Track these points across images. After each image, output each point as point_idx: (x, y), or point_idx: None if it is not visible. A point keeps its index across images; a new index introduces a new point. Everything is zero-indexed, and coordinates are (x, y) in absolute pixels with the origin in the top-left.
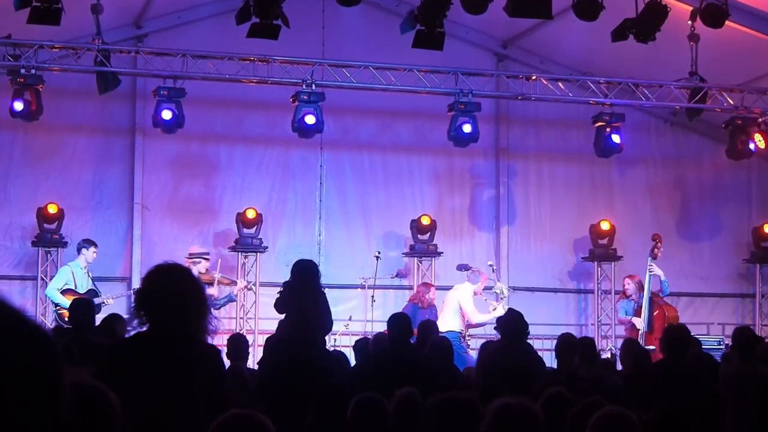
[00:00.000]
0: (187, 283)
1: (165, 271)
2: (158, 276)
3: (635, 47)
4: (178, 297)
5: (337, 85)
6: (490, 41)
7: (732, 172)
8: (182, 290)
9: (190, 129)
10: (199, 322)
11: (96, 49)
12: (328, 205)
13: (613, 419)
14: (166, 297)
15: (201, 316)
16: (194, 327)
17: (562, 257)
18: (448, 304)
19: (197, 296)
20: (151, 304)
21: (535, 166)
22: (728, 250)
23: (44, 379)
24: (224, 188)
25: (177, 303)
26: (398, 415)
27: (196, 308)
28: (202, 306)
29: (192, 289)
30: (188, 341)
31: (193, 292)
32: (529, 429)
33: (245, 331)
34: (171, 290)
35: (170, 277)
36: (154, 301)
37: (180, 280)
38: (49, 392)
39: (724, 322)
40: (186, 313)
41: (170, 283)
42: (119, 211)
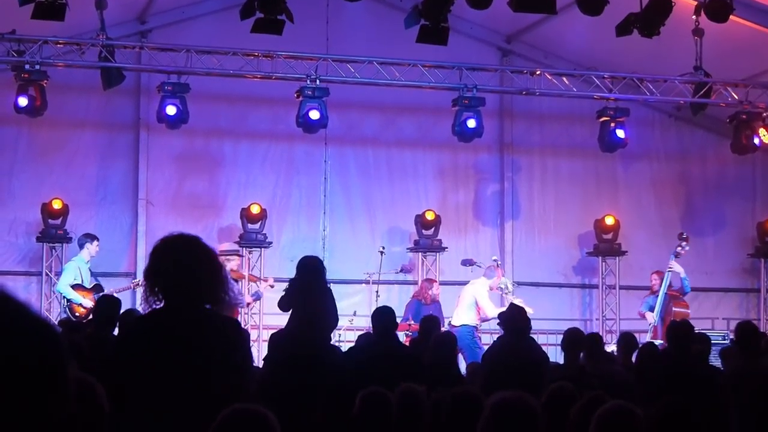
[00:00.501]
0: (199, 251)
1: (172, 242)
2: (166, 248)
3: (640, 42)
4: (190, 268)
5: (342, 80)
6: (494, 36)
7: (736, 166)
8: (194, 260)
9: (195, 124)
10: (215, 294)
11: (100, 45)
12: (333, 201)
13: (618, 414)
14: (178, 269)
15: (217, 287)
16: (211, 299)
17: (566, 252)
18: (463, 298)
19: (211, 265)
20: (163, 279)
21: (539, 161)
22: (733, 244)
23: (49, 373)
24: (228, 184)
25: (190, 275)
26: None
27: (210, 278)
28: (217, 275)
29: (205, 259)
30: (206, 316)
31: (206, 261)
32: (527, 423)
33: (249, 326)
34: (183, 262)
35: (179, 247)
36: (166, 275)
37: (190, 249)
38: (53, 386)
39: (729, 317)
40: (200, 284)
41: (180, 254)
42: (123, 206)
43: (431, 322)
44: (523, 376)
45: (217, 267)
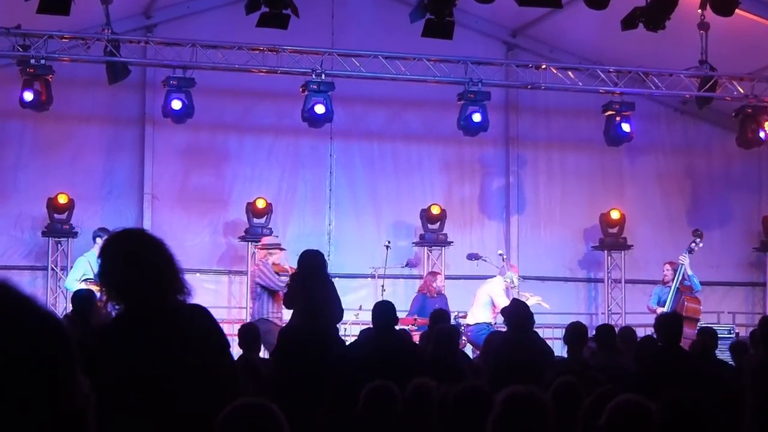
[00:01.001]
0: (150, 245)
1: (121, 239)
2: (116, 247)
3: (645, 36)
4: (146, 263)
5: (347, 74)
6: (499, 30)
7: (742, 160)
8: (148, 254)
9: (200, 119)
10: (177, 283)
11: (105, 40)
12: (338, 195)
13: (630, 407)
14: (135, 267)
15: (175, 277)
16: (172, 290)
17: (572, 246)
18: (479, 297)
19: (164, 257)
20: (120, 279)
21: (545, 155)
22: (738, 238)
23: (57, 367)
24: (234, 178)
25: (148, 270)
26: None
27: (166, 270)
28: (172, 266)
29: (157, 251)
30: (173, 308)
31: (159, 253)
32: (538, 417)
33: None
34: (136, 258)
35: (129, 243)
36: (124, 274)
37: (141, 243)
38: (61, 380)
39: (735, 311)
40: (160, 277)
41: (132, 251)
42: (129, 201)
43: (439, 316)
44: (528, 370)
45: (169, 258)
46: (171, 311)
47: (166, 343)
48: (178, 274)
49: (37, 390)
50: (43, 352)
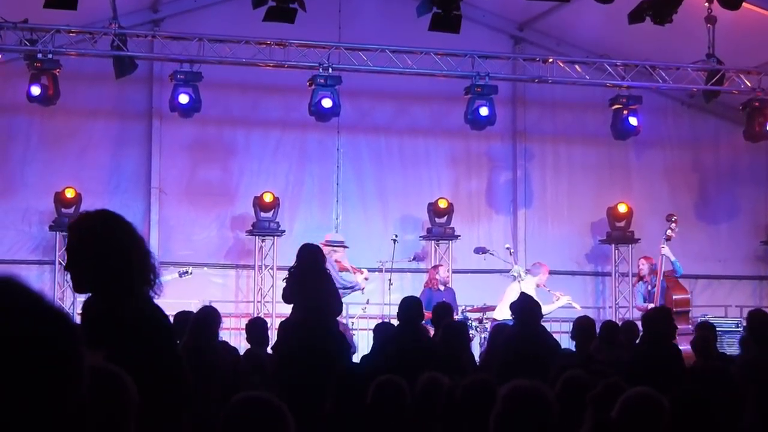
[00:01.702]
0: (123, 230)
1: (84, 220)
2: (79, 228)
3: (652, 29)
4: (115, 250)
5: (354, 68)
6: (506, 24)
7: (749, 154)
8: (117, 241)
9: (207, 113)
10: (145, 279)
11: (113, 34)
12: (345, 189)
13: (643, 400)
14: (91, 252)
15: (147, 272)
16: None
17: (579, 240)
18: (508, 296)
19: (130, 245)
20: (77, 262)
21: (552, 148)
22: (746, 232)
23: (63, 360)
24: (241, 172)
25: (116, 258)
26: (420, 399)
27: (128, 259)
28: (141, 257)
29: (121, 237)
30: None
31: (123, 239)
32: (540, 411)
33: (263, 314)
34: (93, 241)
35: (90, 226)
36: (81, 258)
37: (111, 228)
38: (67, 373)
39: (742, 305)
40: (128, 268)
41: (90, 234)
42: (136, 195)
43: (443, 309)
44: (535, 364)
45: (139, 247)
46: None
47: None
48: (150, 266)
49: (44, 385)
50: (50, 347)
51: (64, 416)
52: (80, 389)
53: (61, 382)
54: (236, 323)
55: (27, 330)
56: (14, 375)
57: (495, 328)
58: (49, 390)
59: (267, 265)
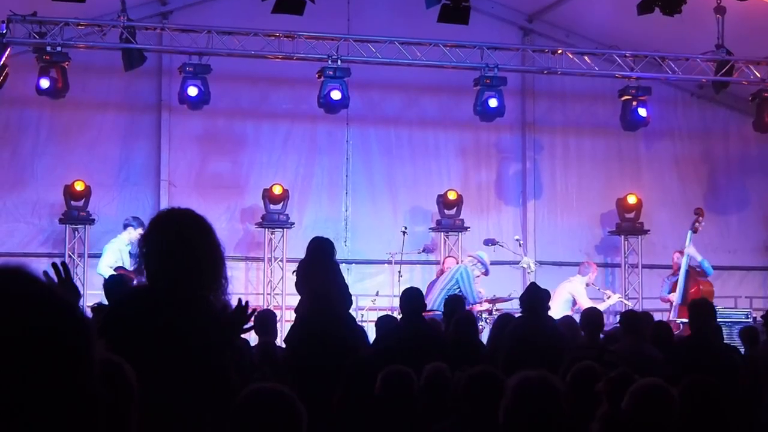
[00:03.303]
0: (198, 230)
1: (171, 216)
2: (162, 221)
3: (661, 20)
4: (183, 246)
5: (363, 60)
6: (515, 15)
7: (759, 144)
8: (189, 238)
9: (217, 105)
10: (207, 279)
11: (121, 26)
12: (355, 181)
13: (652, 390)
14: (170, 245)
15: (212, 273)
16: (201, 284)
17: (589, 231)
18: (559, 294)
19: (210, 248)
20: (152, 252)
21: (561, 139)
22: (756, 223)
23: (72, 351)
24: (251, 164)
25: (182, 253)
26: (426, 389)
27: (205, 262)
28: (214, 261)
29: (203, 240)
30: (192, 300)
31: (205, 243)
32: (550, 401)
33: (273, 306)
34: (176, 237)
35: (177, 223)
36: (157, 248)
37: (188, 226)
38: (77, 364)
39: (752, 296)
40: (190, 265)
41: (176, 230)
42: (146, 187)
43: (455, 301)
44: (544, 354)
45: (216, 252)
46: (183, 306)
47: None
48: (219, 273)
49: (53, 376)
50: (60, 339)
51: (75, 408)
52: (90, 381)
53: (71, 373)
54: None
55: (36, 321)
56: (23, 365)
57: (499, 319)
58: (58, 381)
59: (276, 258)
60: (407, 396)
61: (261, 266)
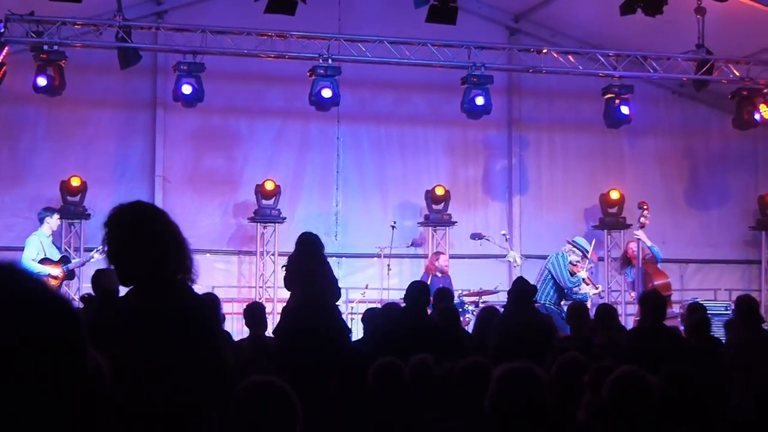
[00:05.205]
0: (156, 217)
1: (127, 210)
2: (120, 215)
3: (643, 20)
4: (150, 234)
5: (353, 59)
6: (502, 15)
7: (739, 141)
8: (152, 225)
9: (211, 103)
10: (179, 262)
11: (117, 26)
12: (345, 177)
13: (629, 379)
14: (137, 237)
15: (181, 255)
16: (176, 268)
17: (573, 226)
18: None
19: (172, 232)
20: (121, 246)
21: (546, 137)
22: (735, 217)
23: (65, 348)
24: (244, 161)
25: (150, 241)
26: (413, 380)
27: (174, 246)
28: (180, 243)
29: (165, 226)
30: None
31: (167, 228)
32: (534, 391)
33: (264, 299)
34: (141, 228)
35: (134, 214)
36: (125, 242)
37: (145, 215)
38: (69, 361)
39: (731, 288)
40: (162, 251)
41: (138, 221)
42: (141, 183)
43: (441, 294)
44: (531, 346)
45: (178, 235)
46: (178, 296)
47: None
48: (186, 252)
49: (45, 371)
50: (52, 333)
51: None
52: (82, 375)
53: (66, 368)
54: (239, 308)
55: (30, 316)
56: (19, 362)
57: (484, 311)
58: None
59: (269, 252)
60: (397, 387)
61: (253, 260)
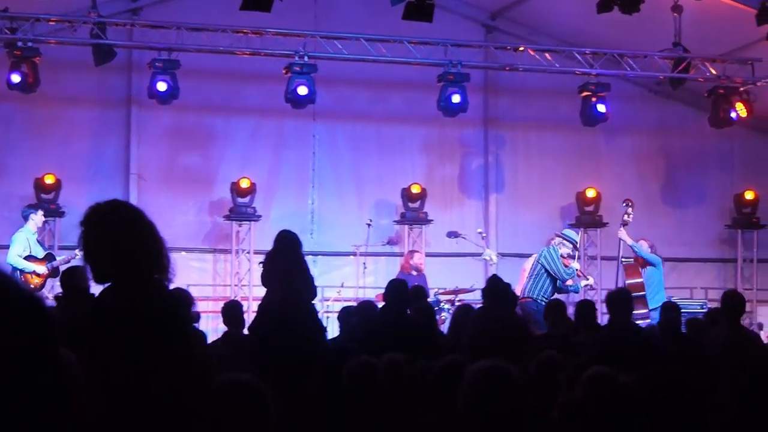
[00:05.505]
0: (132, 216)
1: (104, 208)
2: (97, 214)
3: (620, 18)
4: (127, 233)
5: (329, 56)
6: (478, 13)
7: (715, 140)
8: (128, 225)
9: (186, 100)
10: (156, 261)
11: (92, 23)
12: (321, 175)
13: (602, 379)
14: (112, 235)
15: (158, 254)
16: (154, 267)
17: (549, 224)
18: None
19: (149, 230)
20: (97, 245)
21: (523, 135)
22: (711, 216)
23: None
24: (220, 158)
25: (127, 240)
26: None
27: (151, 245)
28: (156, 242)
29: (141, 225)
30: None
31: (144, 227)
32: (505, 391)
33: (239, 298)
34: (118, 227)
35: (111, 212)
36: (101, 241)
37: (122, 214)
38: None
39: (707, 286)
40: (139, 250)
41: (114, 220)
42: (116, 181)
43: (416, 292)
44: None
45: (154, 232)
46: (156, 295)
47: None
48: (163, 251)
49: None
50: (24, 331)
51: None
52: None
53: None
54: (214, 306)
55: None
56: None
57: (459, 309)
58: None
59: (244, 250)
60: (372, 386)
61: (229, 258)
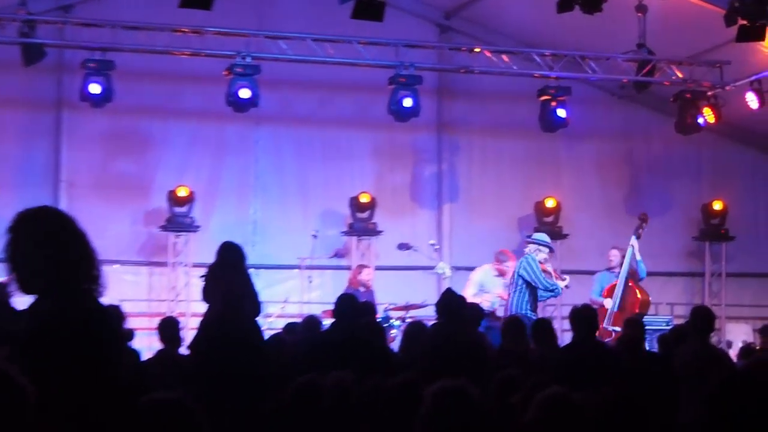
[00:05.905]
0: (61, 223)
1: (25, 219)
2: (24, 221)
3: (582, 18)
4: (53, 241)
5: (274, 57)
6: (432, 12)
7: (682, 146)
8: (56, 232)
9: (120, 103)
10: (86, 271)
11: (21, 20)
12: (264, 183)
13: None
14: (38, 244)
15: (88, 265)
16: (83, 277)
17: (506, 235)
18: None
19: (79, 239)
20: (21, 254)
21: (479, 141)
22: (678, 227)
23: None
24: (156, 165)
25: (54, 249)
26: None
27: (83, 254)
28: (87, 252)
29: (70, 233)
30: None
31: (74, 235)
32: (466, 412)
33: (176, 313)
34: (44, 235)
35: (37, 220)
36: (25, 250)
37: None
38: None
39: (673, 302)
40: (67, 259)
41: (40, 228)
42: (45, 188)
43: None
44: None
45: (84, 243)
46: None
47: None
48: (94, 262)
49: None
50: None
51: None
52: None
53: None
54: (149, 323)
55: None
56: None
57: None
58: None
59: (181, 263)
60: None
61: (165, 271)
